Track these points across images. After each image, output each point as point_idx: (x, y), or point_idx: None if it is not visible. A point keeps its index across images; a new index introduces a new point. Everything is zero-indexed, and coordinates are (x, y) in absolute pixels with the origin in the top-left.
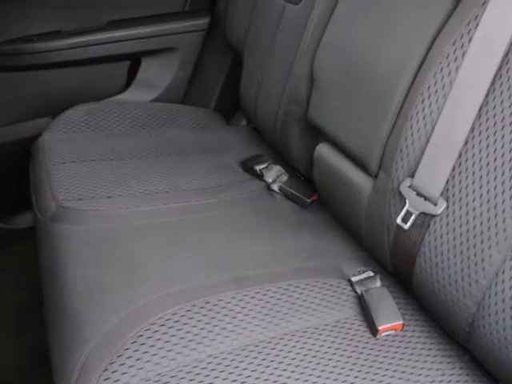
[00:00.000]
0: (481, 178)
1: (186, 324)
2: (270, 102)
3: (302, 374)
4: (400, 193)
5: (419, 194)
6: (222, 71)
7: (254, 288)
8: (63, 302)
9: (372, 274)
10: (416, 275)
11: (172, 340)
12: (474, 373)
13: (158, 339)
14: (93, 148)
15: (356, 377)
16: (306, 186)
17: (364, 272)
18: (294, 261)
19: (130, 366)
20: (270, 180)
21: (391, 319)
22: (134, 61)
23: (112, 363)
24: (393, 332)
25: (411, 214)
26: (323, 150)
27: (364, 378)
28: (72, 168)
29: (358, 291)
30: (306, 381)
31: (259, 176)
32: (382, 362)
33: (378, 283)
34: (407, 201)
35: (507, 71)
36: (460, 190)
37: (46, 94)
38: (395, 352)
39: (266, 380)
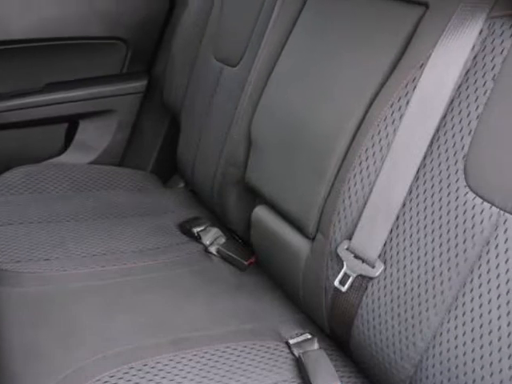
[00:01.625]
0: (418, 240)
1: None
2: (207, 164)
3: None
4: (337, 255)
5: (357, 257)
6: (159, 134)
7: (192, 350)
8: (0, 364)
9: (309, 336)
10: (354, 337)
11: None
12: None
13: None
14: (30, 210)
15: None
16: (243, 249)
17: (301, 334)
18: (231, 323)
19: None
20: (207, 242)
21: (329, 382)
22: (72, 123)
23: None
24: None
25: (349, 277)
26: (261, 213)
27: None
28: (9, 230)
29: (296, 354)
30: None
31: (197, 238)
32: None
33: (316, 345)
34: (345, 263)
35: (445, 133)
36: (397, 253)
37: None
38: None
39: None
